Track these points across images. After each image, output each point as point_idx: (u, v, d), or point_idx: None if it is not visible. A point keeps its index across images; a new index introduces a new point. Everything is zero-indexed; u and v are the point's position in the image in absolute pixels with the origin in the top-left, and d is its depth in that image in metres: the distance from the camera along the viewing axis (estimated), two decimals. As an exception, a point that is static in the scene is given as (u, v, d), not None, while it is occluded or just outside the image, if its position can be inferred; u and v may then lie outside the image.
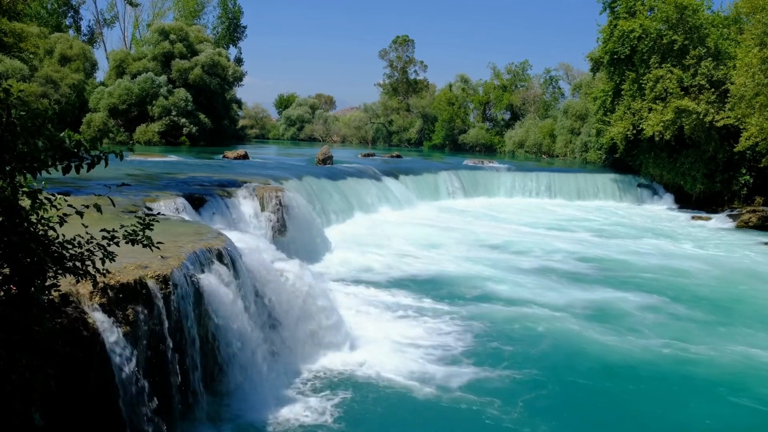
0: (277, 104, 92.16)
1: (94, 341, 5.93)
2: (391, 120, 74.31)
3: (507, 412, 8.35)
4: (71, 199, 5.80)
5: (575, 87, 55.93)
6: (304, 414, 8.02)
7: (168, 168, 22.61)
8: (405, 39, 75.47)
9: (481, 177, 34.11)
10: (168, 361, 6.93)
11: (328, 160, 30.71)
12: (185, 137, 46.81)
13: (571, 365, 10.24)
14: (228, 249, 8.83)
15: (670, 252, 20.47)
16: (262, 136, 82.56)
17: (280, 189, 16.83)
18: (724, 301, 14.58)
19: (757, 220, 26.98)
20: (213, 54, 50.54)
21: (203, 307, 7.67)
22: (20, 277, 4.43)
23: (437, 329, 11.53)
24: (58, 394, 4.84)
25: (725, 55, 30.75)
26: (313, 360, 9.68)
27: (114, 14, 66.58)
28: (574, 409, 8.80)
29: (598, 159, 42.77)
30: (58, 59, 48.37)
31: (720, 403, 9.08)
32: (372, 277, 15.20)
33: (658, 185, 34.53)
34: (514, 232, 22.74)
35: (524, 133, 60.16)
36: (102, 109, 45.96)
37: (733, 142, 28.65)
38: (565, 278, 16.00)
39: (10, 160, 4.31)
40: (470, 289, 14.44)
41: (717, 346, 11.20)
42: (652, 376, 9.89)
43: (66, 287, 5.76)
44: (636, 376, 9.88)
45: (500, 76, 68.92)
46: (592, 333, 11.73)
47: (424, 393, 8.83)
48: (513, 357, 10.37)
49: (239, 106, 60.47)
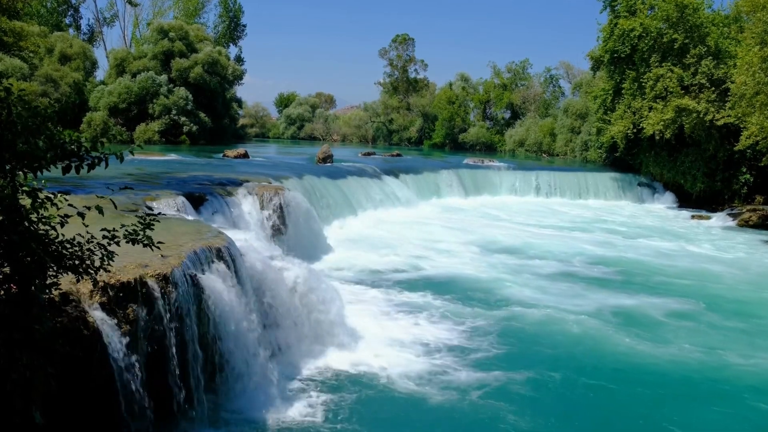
0: (278, 103, 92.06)
1: (94, 340, 5.94)
2: (392, 119, 74.22)
3: (519, 415, 8.30)
4: (72, 199, 5.80)
5: (575, 86, 55.87)
6: (305, 412, 8.02)
7: (168, 167, 22.60)
8: (404, 38, 75.33)
9: (482, 176, 34.10)
10: (168, 360, 6.93)
11: (328, 159, 30.70)
12: (185, 136, 46.74)
13: (581, 366, 10.23)
14: (228, 248, 8.83)
15: (693, 253, 20.22)
16: (262, 134, 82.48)
17: (281, 188, 16.83)
18: (751, 305, 14.31)
19: (758, 218, 26.98)
20: (212, 52, 50.45)
21: (203, 306, 7.67)
22: (20, 276, 4.43)
23: (438, 328, 11.51)
24: (58, 393, 4.85)
25: (725, 53, 30.73)
26: (314, 358, 9.67)
27: (114, 13, 66.59)
28: (580, 410, 8.78)
29: (598, 158, 42.75)
30: (58, 58, 48.31)
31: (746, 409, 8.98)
32: (373, 275, 15.19)
33: (658, 184, 34.53)
34: (514, 230, 22.73)
35: (524, 132, 60.10)
36: (102, 108, 45.90)
37: (734, 141, 28.63)
38: (562, 276, 16.00)
39: (10, 159, 4.31)
40: (472, 288, 14.43)
41: (747, 354, 10.95)
42: (679, 380, 9.74)
43: (66, 286, 5.76)
44: (662, 382, 9.74)
45: (500, 74, 68.83)
46: (616, 337, 11.61)
47: (426, 392, 8.82)
48: (524, 358, 10.29)
49: (239, 105, 60.38)
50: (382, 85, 78.10)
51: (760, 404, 9.04)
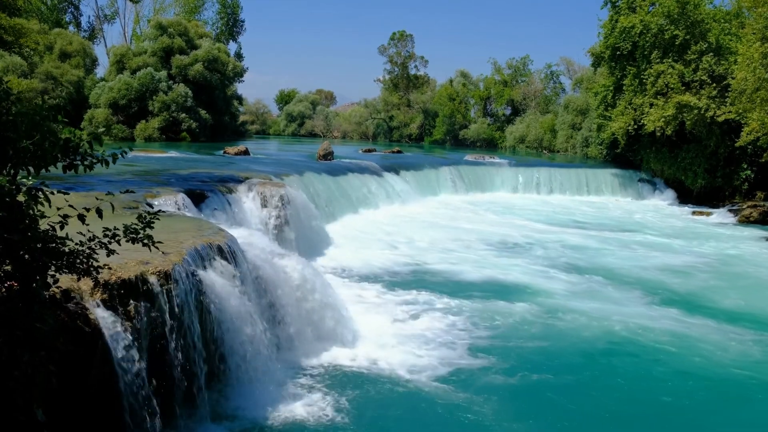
0: (278, 100, 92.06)
1: (95, 337, 5.93)
2: (392, 115, 74.16)
3: (519, 414, 8.31)
4: (72, 197, 5.79)
5: (576, 82, 55.80)
6: (308, 409, 8.00)
7: (168, 164, 22.59)
8: (403, 34, 75.18)
9: (483, 172, 34.10)
10: (170, 357, 6.93)
11: (328, 156, 30.68)
12: (186, 133, 46.70)
13: (571, 361, 10.23)
14: (229, 245, 8.82)
15: (694, 252, 19.98)
16: (262, 131, 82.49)
17: (281, 185, 16.82)
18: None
19: (758, 215, 26.98)
20: (212, 49, 50.35)
21: (205, 303, 7.67)
22: (22, 273, 4.42)
23: (441, 324, 11.48)
24: (60, 390, 4.85)
25: (726, 50, 30.69)
26: (317, 355, 9.66)
27: (114, 10, 66.55)
28: (578, 406, 8.79)
29: (599, 154, 42.71)
30: (58, 55, 48.27)
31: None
32: (374, 272, 15.17)
33: (659, 180, 34.51)
34: (514, 227, 22.71)
35: (525, 129, 60.08)
36: (103, 105, 45.87)
37: (734, 137, 28.60)
38: (568, 272, 15.98)
39: (12, 156, 4.31)
40: (474, 285, 14.40)
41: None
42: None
43: (67, 283, 5.76)
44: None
45: (501, 71, 68.81)
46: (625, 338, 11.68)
47: (429, 389, 8.80)
48: (530, 358, 10.24)
49: (240, 102, 60.33)
50: (382, 81, 78.05)
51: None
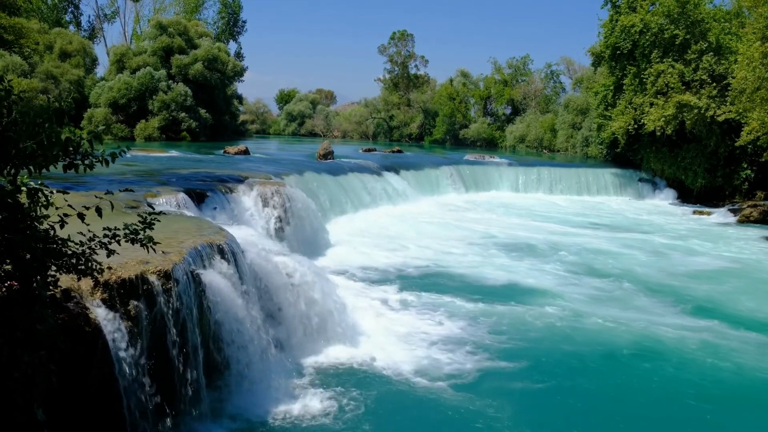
0: (278, 99, 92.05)
1: (95, 337, 5.93)
2: (392, 115, 74.14)
3: (521, 413, 8.30)
4: (72, 196, 5.80)
5: (576, 81, 55.80)
6: (308, 408, 8.01)
7: (168, 163, 22.58)
8: (403, 34, 75.13)
9: (483, 172, 34.09)
10: (170, 357, 6.94)
11: (329, 156, 30.66)
12: (186, 132, 46.68)
13: (583, 364, 10.23)
14: (229, 244, 8.82)
15: (696, 251, 19.96)
16: (263, 131, 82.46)
17: (282, 184, 16.82)
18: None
19: (759, 214, 26.97)
20: (212, 48, 50.30)
21: (205, 303, 7.67)
22: (22, 273, 4.43)
23: (441, 323, 11.49)
24: (60, 389, 4.85)
25: (726, 49, 30.71)
26: (318, 354, 9.67)
27: (114, 10, 66.48)
28: (577, 405, 8.79)
29: (599, 154, 42.72)
30: (58, 55, 48.24)
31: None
32: (374, 271, 15.18)
33: (659, 180, 34.53)
34: (515, 226, 22.73)
35: (525, 128, 60.07)
36: (103, 105, 45.84)
37: (735, 137, 28.60)
38: (569, 272, 15.99)
39: (13, 156, 4.31)
40: (474, 284, 14.41)
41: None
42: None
43: (67, 283, 5.76)
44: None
45: (501, 70, 68.78)
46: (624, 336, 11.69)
47: (429, 388, 8.81)
48: (534, 358, 10.23)
49: (240, 102, 60.31)
50: (383, 81, 78.00)
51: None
